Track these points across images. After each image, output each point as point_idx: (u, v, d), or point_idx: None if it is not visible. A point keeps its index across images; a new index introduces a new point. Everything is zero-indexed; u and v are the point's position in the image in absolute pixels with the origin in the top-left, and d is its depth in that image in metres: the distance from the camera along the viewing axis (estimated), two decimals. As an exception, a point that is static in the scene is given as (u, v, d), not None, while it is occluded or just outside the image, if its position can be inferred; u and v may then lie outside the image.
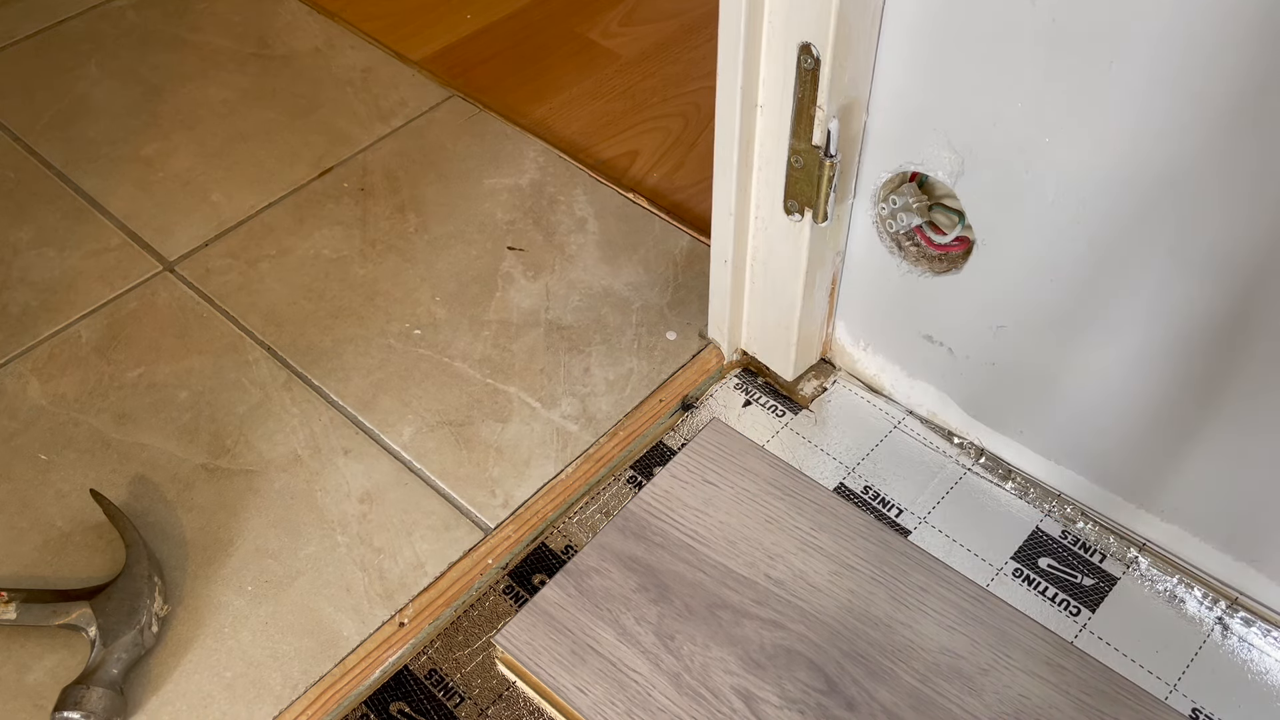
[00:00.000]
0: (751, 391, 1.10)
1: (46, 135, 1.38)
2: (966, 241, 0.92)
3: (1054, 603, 0.93)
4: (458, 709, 0.89)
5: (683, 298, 1.18)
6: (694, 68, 1.49)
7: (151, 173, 1.33)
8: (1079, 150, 0.78)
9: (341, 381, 1.11)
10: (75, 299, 1.19)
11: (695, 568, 0.92)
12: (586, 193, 1.30)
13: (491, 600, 0.95)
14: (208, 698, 0.89)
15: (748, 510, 0.96)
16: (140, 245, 1.25)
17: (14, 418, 1.08)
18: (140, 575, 0.92)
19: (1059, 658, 0.87)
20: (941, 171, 0.88)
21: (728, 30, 0.86)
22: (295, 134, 1.38)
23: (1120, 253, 0.81)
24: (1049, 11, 0.73)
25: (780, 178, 0.93)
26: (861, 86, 0.87)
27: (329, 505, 1.02)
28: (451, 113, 1.40)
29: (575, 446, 1.06)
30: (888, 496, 1.01)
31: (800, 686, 0.86)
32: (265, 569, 0.97)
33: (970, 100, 0.82)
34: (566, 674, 0.87)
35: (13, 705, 0.89)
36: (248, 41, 1.51)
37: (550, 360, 1.13)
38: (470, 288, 1.20)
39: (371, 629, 0.93)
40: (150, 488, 1.03)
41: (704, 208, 1.25)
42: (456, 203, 1.29)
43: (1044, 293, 0.87)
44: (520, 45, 1.53)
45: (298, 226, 1.27)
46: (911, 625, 0.89)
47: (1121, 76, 0.73)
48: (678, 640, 0.88)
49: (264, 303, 1.19)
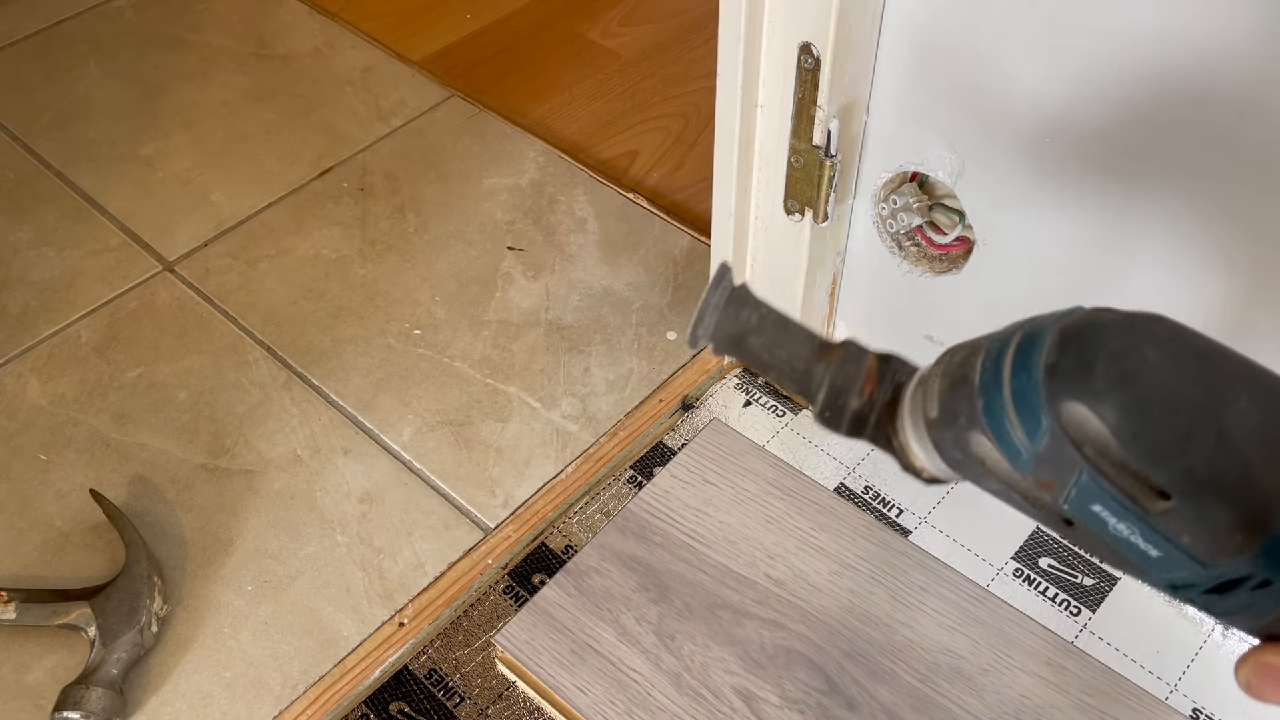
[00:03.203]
0: (751, 391, 1.10)
1: (46, 135, 1.37)
2: (967, 241, 0.92)
3: (1054, 603, 0.93)
4: (458, 709, 0.89)
5: (683, 298, 1.18)
6: (694, 68, 1.49)
7: (151, 173, 1.33)
8: (1080, 149, 0.78)
9: (341, 381, 1.11)
10: (75, 299, 1.19)
11: (695, 567, 0.92)
12: (586, 193, 1.30)
13: (491, 600, 0.95)
14: (207, 698, 0.89)
15: (748, 510, 0.96)
16: (140, 245, 1.25)
17: (13, 418, 1.08)
18: (140, 575, 0.92)
19: (1060, 658, 0.87)
20: (942, 171, 0.88)
21: (728, 30, 0.86)
22: (295, 134, 1.38)
23: (1122, 253, 0.81)
24: (1049, 11, 0.73)
25: (780, 178, 0.93)
26: (862, 86, 0.87)
27: (329, 505, 1.02)
28: (451, 113, 1.40)
29: (575, 446, 1.06)
30: (888, 496, 1.01)
31: (800, 686, 0.86)
32: (265, 569, 0.97)
33: (971, 100, 0.82)
34: (566, 674, 0.87)
35: (12, 705, 0.89)
36: (247, 41, 1.51)
37: (550, 360, 1.13)
38: (470, 288, 1.20)
39: (371, 629, 0.93)
40: (150, 488, 1.03)
41: (704, 208, 1.25)
42: (456, 203, 1.29)
43: (1045, 293, 0.87)
44: (520, 45, 1.53)
45: (297, 226, 1.27)
46: (912, 625, 0.89)
47: (1121, 76, 0.73)
48: (678, 640, 0.88)
49: (264, 303, 1.19)
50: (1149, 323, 0.37)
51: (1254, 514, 0.35)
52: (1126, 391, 0.35)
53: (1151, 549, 0.36)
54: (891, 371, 0.45)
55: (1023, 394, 0.37)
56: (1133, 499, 0.36)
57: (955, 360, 0.40)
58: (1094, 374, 0.36)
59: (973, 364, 0.39)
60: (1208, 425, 0.35)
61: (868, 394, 0.45)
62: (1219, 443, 0.35)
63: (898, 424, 0.44)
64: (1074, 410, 0.36)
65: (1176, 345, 0.37)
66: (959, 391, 0.39)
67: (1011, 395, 0.37)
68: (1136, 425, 0.35)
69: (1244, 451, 0.35)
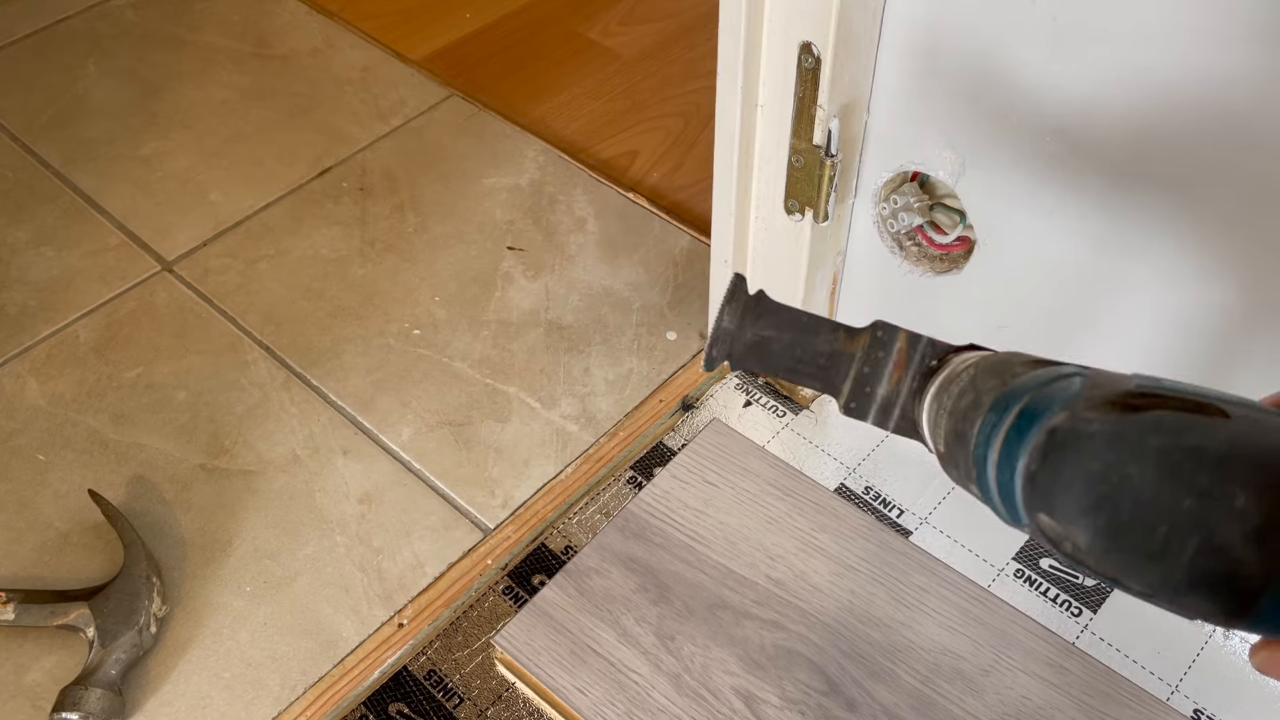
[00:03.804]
0: (752, 392, 1.10)
1: (45, 134, 1.37)
2: (968, 241, 0.92)
3: (1055, 603, 0.93)
4: (457, 710, 0.88)
5: (683, 298, 1.18)
6: (694, 67, 1.49)
7: (150, 172, 1.33)
8: (1081, 150, 0.78)
9: (340, 381, 1.11)
10: (73, 299, 1.19)
11: (695, 568, 0.92)
12: (586, 192, 1.30)
13: (491, 601, 0.95)
14: (206, 699, 0.89)
15: (748, 511, 0.96)
16: (139, 245, 1.24)
17: (12, 418, 1.08)
18: (139, 576, 0.92)
19: (1060, 659, 0.87)
20: (943, 171, 0.88)
21: (728, 29, 0.86)
22: (294, 133, 1.37)
23: (1123, 253, 0.81)
24: (1049, 10, 0.73)
25: (781, 177, 0.93)
26: (862, 86, 0.87)
27: (328, 505, 1.01)
28: (451, 112, 1.40)
29: (575, 447, 1.05)
30: (889, 497, 1.01)
31: (801, 687, 0.85)
32: (264, 569, 0.97)
33: (972, 100, 0.82)
34: (566, 674, 0.86)
35: (11, 706, 0.88)
36: (247, 41, 1.51)
37: (550, 360, 1.13)
38: (470, 288, 1.20)
39: (370, 629, 0.93)
40: (149, 488, 1.02)
41: (704, 208, 1.25)
42: (456, 202, 1.29)
43: (1046, 293, 0.87)
44: (520, 45, 1.52)
45: (297, 226, 1.26)
46: (912, 626, 0.89)
47: (1122, 76, 0.72)
48: (678, 641, 0.88)
49: (263, 303, 1.18)
50: (1142, 433, 0.36)
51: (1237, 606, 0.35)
52: (1099, 516, 0.35)
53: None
54: (920, 355, 0.45)
55: (1005, 489, 0.38)
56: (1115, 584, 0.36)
57: (961, 404, 0.40)
58: (1070, 496, 0.36)
59: (973, 421, 0.40)
60: (1192, 534, 0.34)
61: (894, 380, 0.44)
62: (1204, 548, 0.34)
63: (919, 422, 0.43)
64: (1050, 526, 0.36)
65: (1171, 453, 0.35)
66: (959, 445, 0.40)
67: (996, 484, 0.38)
68: (1108, 545, 0.35)
69: (1232, 552, 0.34)
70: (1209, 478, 0.34)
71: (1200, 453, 0.35)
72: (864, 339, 0.45)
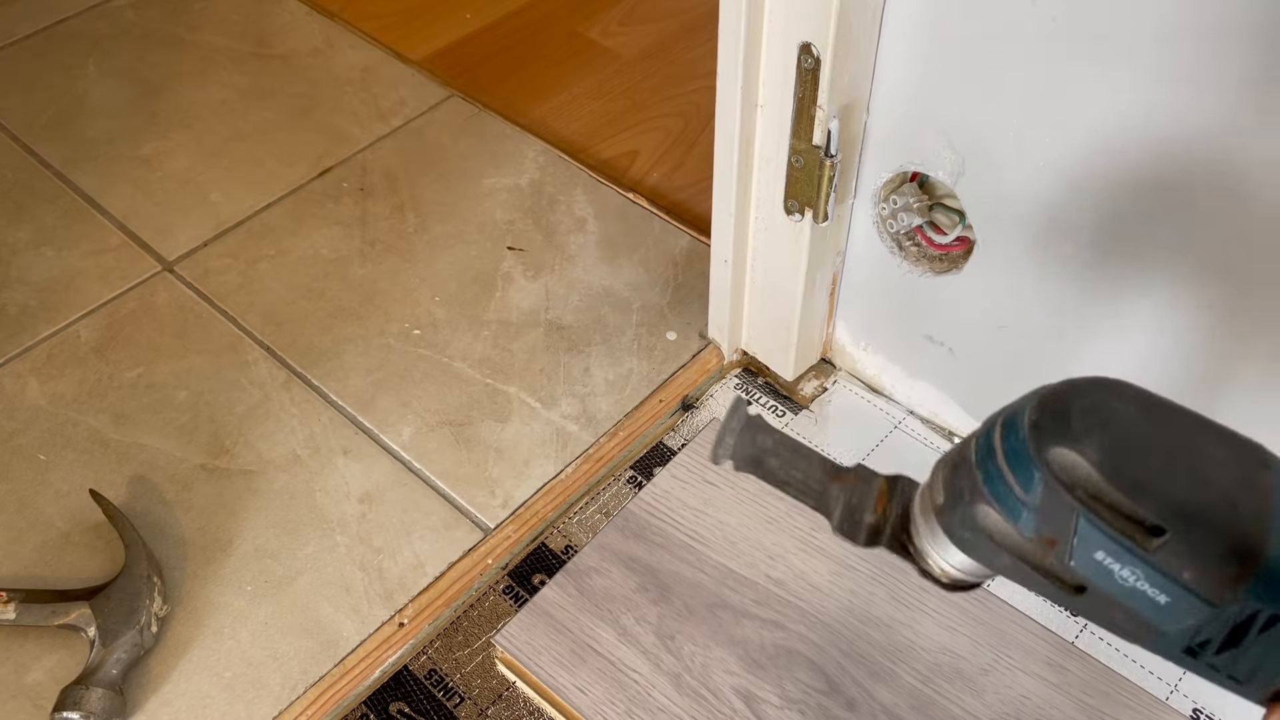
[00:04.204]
0: (752, 392, 1.10)
1: (45, 135, 1.37)
2: (967, 241, 0.92)
3: (1055, 603, 0.93)
4: (458, 709, 0.89)
5: (683, 298, 1.18)
6: (694, 68, 1.49)
7: (150, 172, 1.33)
8: (1081, 150, 0.78)
9: (341, 381, 1.11)
10: (74, 299, 1.19)
11: (695, 568, 0.92)
12: (586, 193, 1.30)
13: (491, 600, 0.95)
14: (207, 698, 0.89)
15: (748, 510, 0.96)
16: (139, 245, 1.25)
17: (12, 418, 1.08)
18: (139, 575, 0.92)
19: (1060, 658, 0.87)
20: (942, 171, 0.88)
21: (728, 30, 0.86)
22: (294, 134, 1.37)
23: (1123, 252, 0.81)
24: (1049, 10, 0.73)
25: (780, 178, 0.93)
26: (862, 86, 0.87)
27: (328, 505, 1.01)
28: (451, 112, 1.40)
29: (575, 446, 1.06)
30: (888, 497, 1.01)
31: (800, 686, 0.86)
32: (265, 569, 0.97)
33: (971, 100, 0.82)
34: (566, 674, 0.86)
35: (12, 705, 0.88)
36: (247, 41, 1.51)
37: (550, 360, 1.13)
38: (470, 288, 1.20)
39: (371, 629, 0.93)
40: (149, 488, 1.03)
41: (704, 208, 1.25)
42: (456, 202, 1.29)
43: (1046, 293, 0.87)
44: (520, 45, 1.53)
45: (297, 226, 1.27)
46: (912, 625, 0.89)
47: (1122, 76, 0.73)
48: (678, 640, 0.88)
49: (263, 303, 1.18)
50: (1116, 384, 0.43)
51: (1245, 544, 0.38)
52: (1104, 433, 0.40)
53: (1160, 594, 0.39)
54: (900, 489, 0.50)
55: (1014, 452, 0.42)
56: (1130, 538, 0.39)
57: (952, 453, 0.46)
58: (1072, 423, 0.41)
59: (968, 446, 0.45)
60: (1184, 463, 0.40)
61: (880, 509, 0.50)
62: (1199, 479, 0.39)
63: (912, 530, 0.48)
64: (1061, 456, 0.40)
65: (1143, 401, 0.42)
66: (960, 471, 0.44)
67: (1004, 456, 0.42)
68: (1118, 461, 0.40)
69: (1223, 486, 0.39)
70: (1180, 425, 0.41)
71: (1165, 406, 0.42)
72: (849, 476, 0.52)
